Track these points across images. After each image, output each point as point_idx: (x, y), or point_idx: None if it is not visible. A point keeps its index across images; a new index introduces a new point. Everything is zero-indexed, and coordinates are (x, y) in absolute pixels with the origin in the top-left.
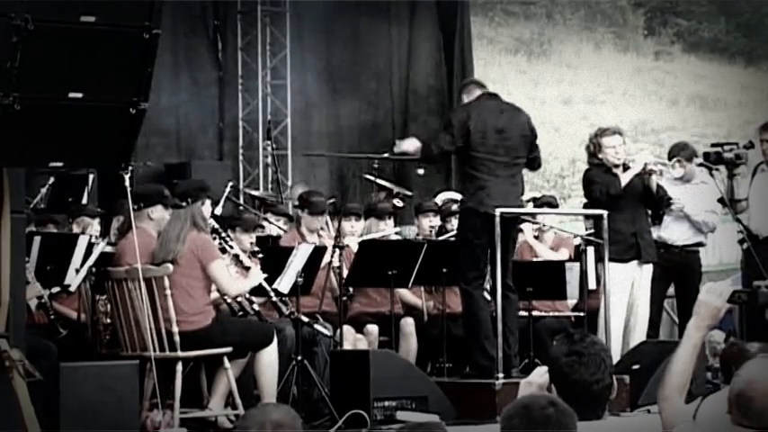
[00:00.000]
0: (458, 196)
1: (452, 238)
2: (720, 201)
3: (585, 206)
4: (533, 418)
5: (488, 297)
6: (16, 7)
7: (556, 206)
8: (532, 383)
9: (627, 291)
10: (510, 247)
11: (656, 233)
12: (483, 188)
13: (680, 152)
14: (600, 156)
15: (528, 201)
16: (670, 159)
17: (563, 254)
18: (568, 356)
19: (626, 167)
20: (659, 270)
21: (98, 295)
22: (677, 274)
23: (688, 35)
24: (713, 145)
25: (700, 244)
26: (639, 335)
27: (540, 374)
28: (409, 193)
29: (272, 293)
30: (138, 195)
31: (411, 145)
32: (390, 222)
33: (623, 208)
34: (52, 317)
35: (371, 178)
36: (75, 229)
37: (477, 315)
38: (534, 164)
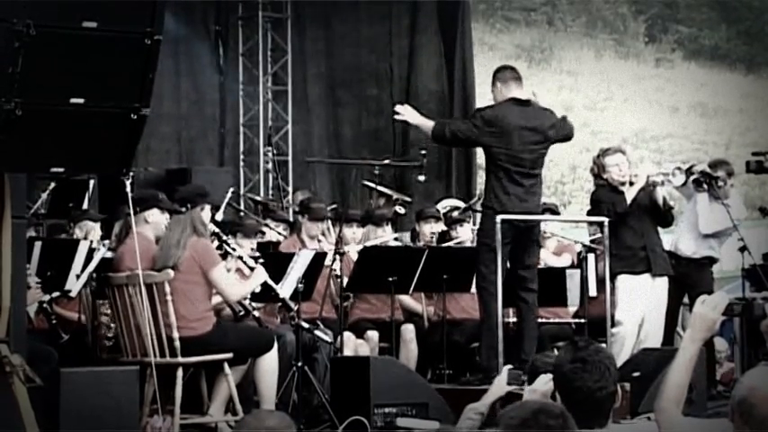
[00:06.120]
0: (460, 203)
1: (455, 245)
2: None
3: (589, 212)
4: (538, 422)
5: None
6: (18, 13)
7: (557, 213)
8: (536, 391)
9: (640, 301)
10: (531, 251)
11: (670, 244)
12: (506, 193)
13: (718, 167)
14: (604, 175)
15: None
16: (711, 169)
17: (566, 258)
18: (573, 363)
19: (632, 183)
20: (671, 282)
21: (99, 300)
22: (688, 287)
23: (689, 42)
24: (754, 154)
25: (711, 259)
26: (651, 346)
27: (545, 382)
28: (408, 200)
29: (279, 291)
30: (135, 200)
31: (412, 116)
32: (389, 229)
33: (632, 223)
34: (54, 321)
35: (371, 185)
36: (78, 234)
37: (495, 317)
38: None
